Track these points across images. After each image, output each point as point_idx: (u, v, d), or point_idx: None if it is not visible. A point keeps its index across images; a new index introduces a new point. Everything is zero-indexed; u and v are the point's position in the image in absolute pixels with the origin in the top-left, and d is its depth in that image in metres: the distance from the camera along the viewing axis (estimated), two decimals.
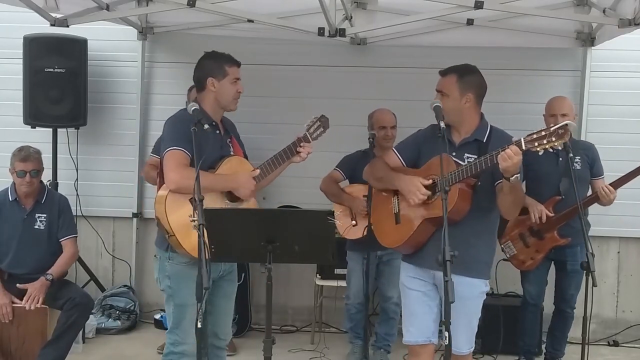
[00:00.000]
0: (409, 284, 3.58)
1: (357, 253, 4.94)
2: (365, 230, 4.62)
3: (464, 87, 3.47)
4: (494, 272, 5.21)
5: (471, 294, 3.45)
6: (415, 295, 3.56)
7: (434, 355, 3.64)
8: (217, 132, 3.67)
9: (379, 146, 4.88)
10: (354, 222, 4.93)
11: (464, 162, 3.42)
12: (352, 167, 5.03)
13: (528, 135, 3.16)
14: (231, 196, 3.63)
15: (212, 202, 3.48)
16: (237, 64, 3.69)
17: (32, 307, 4.51)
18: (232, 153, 3.71)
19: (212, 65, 3.65)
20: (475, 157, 3.40)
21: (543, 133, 3.13)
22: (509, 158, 3.11)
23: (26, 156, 4.64)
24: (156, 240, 3.69)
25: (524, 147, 3.13)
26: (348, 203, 4.96)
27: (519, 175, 3.22)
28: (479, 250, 3.49)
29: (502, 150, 3.15)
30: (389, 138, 4.91)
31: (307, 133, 3.81)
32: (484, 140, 3.49)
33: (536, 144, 3.12)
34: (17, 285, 4.58)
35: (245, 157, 3.81)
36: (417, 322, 3.56)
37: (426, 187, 3.42)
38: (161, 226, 3.52)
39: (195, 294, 3.07)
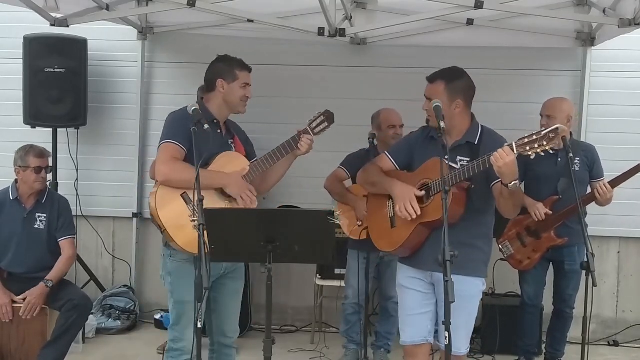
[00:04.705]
0: (407, 284, 3.58)
1: (358, 252, 4.93)
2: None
3: (453, 93, 3.46)
4: (493, 272, 5.29)
5: (469, 292, 3.45)
6: (413, 294, 3.56)
7: (431, 356, 3.64)
8: (219, 131, 3.69)
9: (385, 145, 4.84)
10: (359, 222, 4.91)
11: (457, 164, 3.42)
12: (356, 165, 5.01)
13: (519, 140, 3.15)
14: (226, 194, 3.64)
15: (207, 199, 3.42)
16: (248, 70, 3.74)
17: (29, 317, 4.51)
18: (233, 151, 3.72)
19: (223, 68, 3.70)
20: (468, 159, 3.40)
21: (534, 137, 3.12)
22: (501, 158, 3.11)
23: (42, 152, 4.69)
24: (162, 238, 3.71)
25: (515, 152, 3.13)
26: (352, 204, 4.94)
27: (517, 181, 3.20)
28: (475, 250, 3.50)
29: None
30: (399, 137, 4.88)
31: (308, 127, 3.81)
32: (476, 142, 3.48)
33: (527, 147, 3.12)
34: (15, 298, 4.58)
35: (251, 156, 3.82)
36: (415, 322, 3.56)
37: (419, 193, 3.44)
38: (154, 221, 3.54)
39: (195, 293, 3.07)
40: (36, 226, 4.72)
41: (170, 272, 3.63)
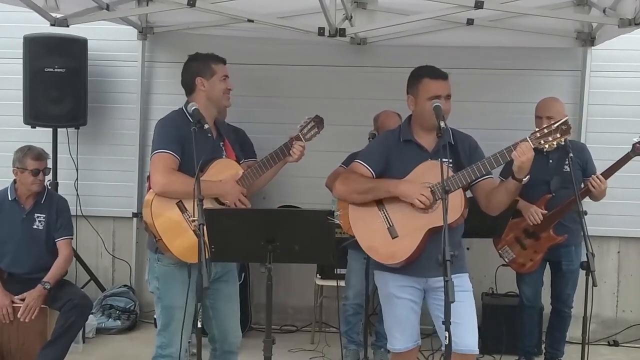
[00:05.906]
0: (399, 294, 3.53)
1: (358, 252, 4.92)
2: None
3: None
4: (496, 273, 5.29)
5: (469, 286, 3.50)
6: (404, 303, 3.53)
7: (431, 355, 3.63)
8: (209, 135, 3.60)
9: None
10: None
11: None
12: None
13: (532, 134, 3.21)
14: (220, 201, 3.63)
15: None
16: (223, 62, 3.69)
17: (27, 320, 4.50)
18: (224, 156, 3.66)
19: (199, 66, 3.64)
20: (450, 160, 3.37)
21: (545, 131, 3.18)
22: (524, 153, 3.15)
23: (39, 154, 4.68)
24: (147, 242, 3.69)
25: (531, 145, 3.18)
26: None
27: (529, 176, 3.24)
28: (462, 248, 3.57)
29: (513, 147, 3.19)
30: None
31: (299, 133, 3.79)
32: (453, 142, 3.49)
33: (542, 141, 3.18)
34: (15, 297, 4.57)
35: (251, 157, 3.78)
36: (406, 329, 3.56)
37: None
38: (149, 230, 3.51)
39: (196, 294, 3.07)
40: (35, 226, 4.72)
41: (157, 277, 3.57)
